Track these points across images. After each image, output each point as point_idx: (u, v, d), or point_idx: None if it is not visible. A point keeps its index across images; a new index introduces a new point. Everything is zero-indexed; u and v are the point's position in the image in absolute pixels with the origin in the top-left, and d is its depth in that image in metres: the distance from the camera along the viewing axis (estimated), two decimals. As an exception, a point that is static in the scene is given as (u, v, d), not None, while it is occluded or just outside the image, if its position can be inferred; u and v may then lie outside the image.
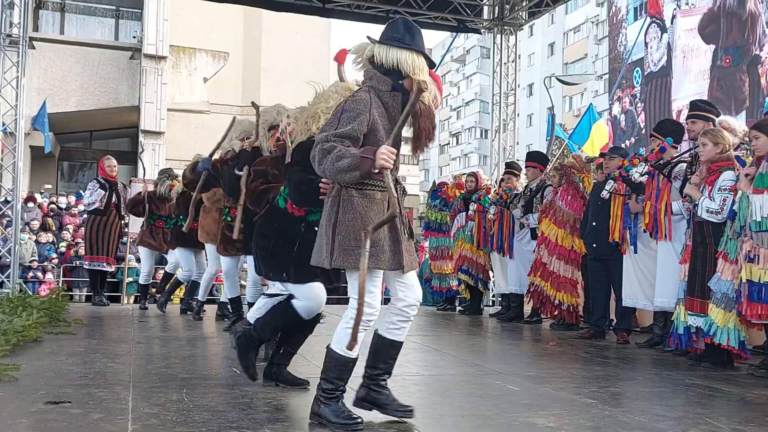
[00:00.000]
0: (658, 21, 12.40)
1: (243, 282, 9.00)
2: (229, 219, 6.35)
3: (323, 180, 3.41)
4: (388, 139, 3.12)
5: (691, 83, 11.60)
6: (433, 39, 49.30)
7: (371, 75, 3.27)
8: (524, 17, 13.08)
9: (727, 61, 10.88)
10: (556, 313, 7.61)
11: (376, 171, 3.02)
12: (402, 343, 3.38)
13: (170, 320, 7.94)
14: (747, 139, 5.35)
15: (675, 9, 12.02)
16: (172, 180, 8.71)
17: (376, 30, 4.36)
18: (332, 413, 3.16)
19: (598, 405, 3.81)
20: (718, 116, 5.98)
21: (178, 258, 8.55)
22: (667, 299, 5.87)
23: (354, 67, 3.42)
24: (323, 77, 25.60)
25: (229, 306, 7.18)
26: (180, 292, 9.72)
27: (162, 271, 12.87)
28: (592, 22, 45.23)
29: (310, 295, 3.88)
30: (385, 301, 4.10)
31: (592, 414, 3.58)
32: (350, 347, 3.11)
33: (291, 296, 3.96)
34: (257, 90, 23.99)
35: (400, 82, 3.23)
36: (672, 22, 12.06)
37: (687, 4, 11.84)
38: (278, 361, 4.11)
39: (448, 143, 68.87)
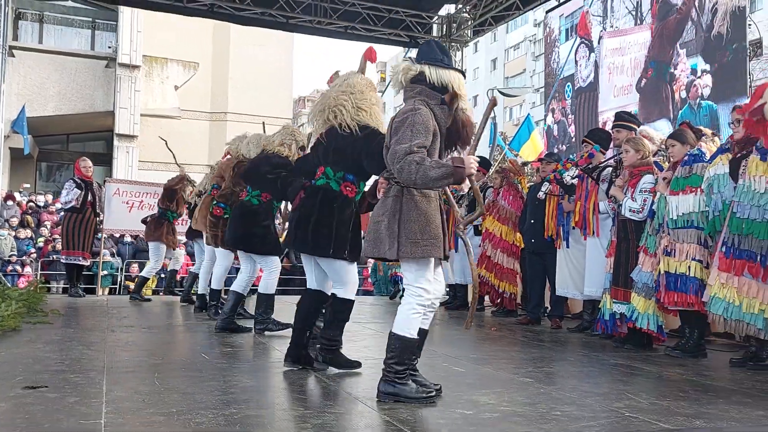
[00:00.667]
0: (587, 42, 12.69)
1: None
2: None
3: (381, 180, 3.47)
4: (469, 149, 3.35)
5: (615, 97, 11.86)
6: (387, 53, 49.39)
7: (419, 90, 3.33)
8: (469, 35, 13.19)
9: (650, 73, 11.18)
10: (499, 300, 7.70)
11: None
12: (427, 330, 3.46)
13: (143, 310, 7.80)
14: (664, 146, 5.50)
15: (601, 31, 12.29)
16: (193, 185, 8.59)
17: (336, 44, 4.40)
18: (409, 390, 3.23)
19: (534, 383, 3.86)
20: (639, 126, 6.12)
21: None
22: (595, 289, 5.99)
23: (393, 84, 3.50)
24: (286, 87, 25.51)
25: (207, 296, 7.03)
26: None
27: (135, 265, 12.66)
28: (530, 41, 45.84)
29: (355, 277, 3.98)
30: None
31: (528, 391, 3.63)
32: (467, 326, 3.53)
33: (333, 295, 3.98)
34: (225, 98, 23.73)
35: (443, 97, 3.36)
36: (599, 43, 12.33)
37: (612, 26, 12.11)
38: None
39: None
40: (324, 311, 4.13)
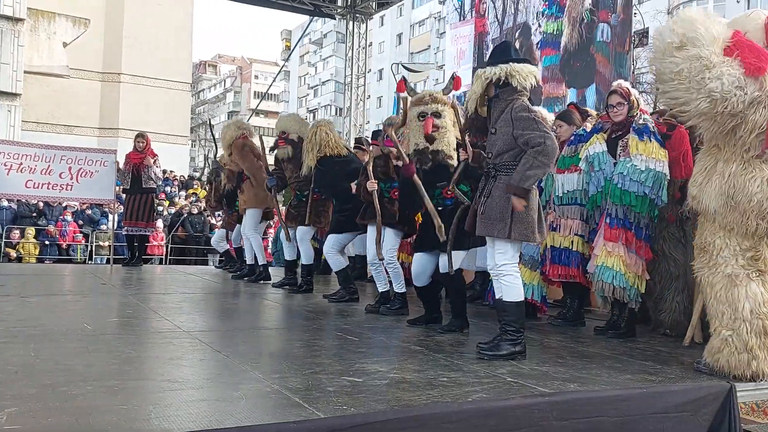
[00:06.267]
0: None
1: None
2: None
3: None
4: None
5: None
6: (293, 22, 48.57)
7: (520, 90, 3.86)
8: (374, 7, 13.15)
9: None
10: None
11: None
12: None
13: (21, 280, 7.35)
14: (554, 127, 5.68)
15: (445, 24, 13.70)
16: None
17: (239, 8, 4.22)
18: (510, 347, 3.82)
19: (424, 351, 3.95)
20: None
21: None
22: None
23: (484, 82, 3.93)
24: (185, 49, 24.48)
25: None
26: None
27: (16, 231, 11.88)
28: (435, 18, 46.22)
29: None
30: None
31: (418, 359, 3.71)
32: None
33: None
34: (118, 57, 22.55)
35: None
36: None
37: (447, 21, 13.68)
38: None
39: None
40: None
